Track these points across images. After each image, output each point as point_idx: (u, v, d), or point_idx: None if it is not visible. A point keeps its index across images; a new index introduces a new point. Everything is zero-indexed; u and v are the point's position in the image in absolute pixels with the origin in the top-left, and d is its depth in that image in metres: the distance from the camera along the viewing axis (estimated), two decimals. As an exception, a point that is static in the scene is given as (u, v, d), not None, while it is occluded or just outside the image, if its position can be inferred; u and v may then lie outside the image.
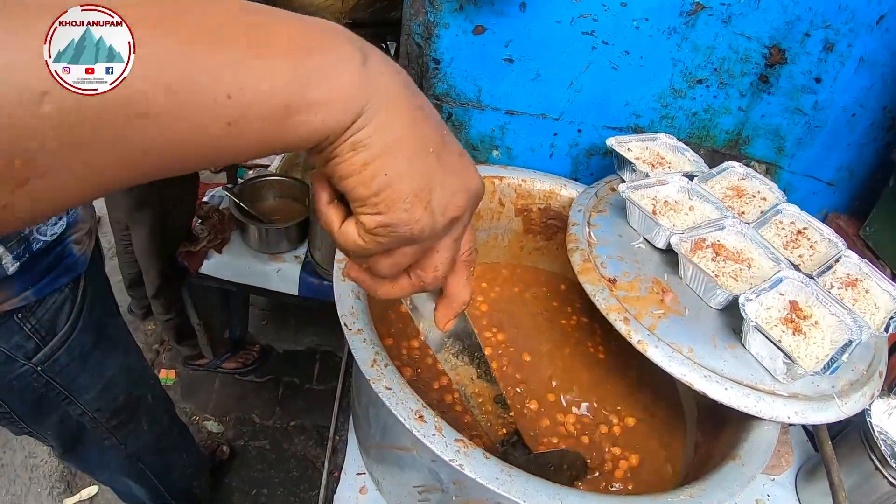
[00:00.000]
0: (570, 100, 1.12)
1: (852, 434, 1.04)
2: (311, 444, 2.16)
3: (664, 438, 0.99)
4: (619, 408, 1.01)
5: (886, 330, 0.88)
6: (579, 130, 1.15)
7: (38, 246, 0.83)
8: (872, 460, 0.98)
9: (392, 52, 1.88)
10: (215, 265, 1.86)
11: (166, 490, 1.39)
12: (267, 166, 2.20)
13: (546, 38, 1.06)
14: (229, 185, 1.89)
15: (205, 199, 1.98)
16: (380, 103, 0.36)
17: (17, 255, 0.81)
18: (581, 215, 0.97)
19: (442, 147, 0.41)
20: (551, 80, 1.10)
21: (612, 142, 1.05)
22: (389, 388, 0.68)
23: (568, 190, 1.10)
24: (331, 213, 0.43)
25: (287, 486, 2.07)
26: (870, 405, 1.00)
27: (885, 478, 0.97)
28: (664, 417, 1.02)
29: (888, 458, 0.97)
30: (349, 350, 0.79)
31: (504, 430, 0.77)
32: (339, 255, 0.85)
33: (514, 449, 0.78)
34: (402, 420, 0.65)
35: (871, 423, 1.00)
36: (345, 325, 0.75)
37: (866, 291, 0.93)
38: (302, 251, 1.91)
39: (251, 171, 2.18)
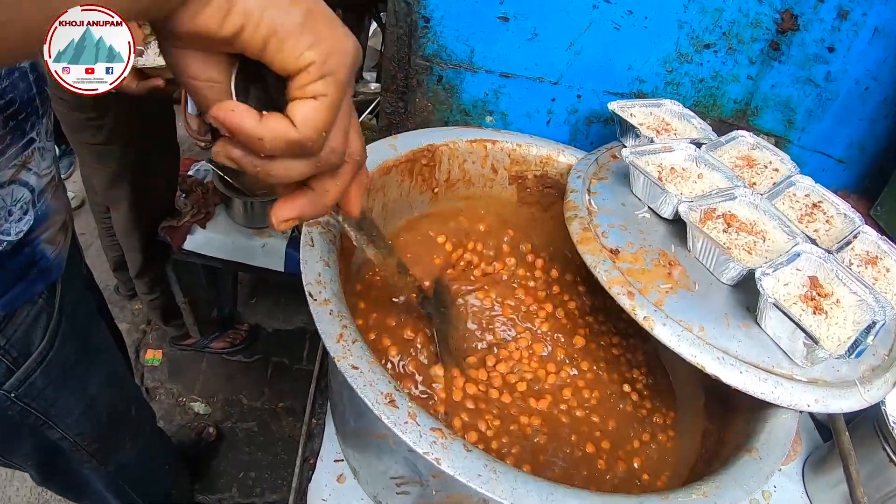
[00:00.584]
0: (570, 62, 0.99)
1: (864, 424, 0.93)
2: (299, 426, 2.02)
3: (668, 427, 0.87)
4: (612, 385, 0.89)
5: (909, 311, 0.76)
6: (579, 96, 1.02)
7: (0, 248, 0.65)
8: (886, 451, 0.88)
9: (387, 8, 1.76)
10: (199, 241, 1.72)
11: (143, 501, 1.25)
12: None
13: (544, -7, 0.93)
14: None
15: (189, 172, 1.84)
16: None
17: None
18: (580, 182, 0.84)
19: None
20: (549, 41, 0.97)
21: (614, 106, 0.92)
22: (357, 368, 0.56)
23: (566, 156, 0.97)
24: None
25: (275, 468, 1.95)
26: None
27: (900, 470, 0.86)
28: (661, 402, 0.90)
29: (903, 450, 0.86)
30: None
31: (414, 294, 0.81)
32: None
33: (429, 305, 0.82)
34: (369, 404, 0.52)
35: (885, 412, 0.89)
36: (309, 294, 0.62)
37: (887, 270, 0.82)
38: None
39: None
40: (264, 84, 0.41)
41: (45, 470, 0.98)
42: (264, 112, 0.39)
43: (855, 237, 0.83)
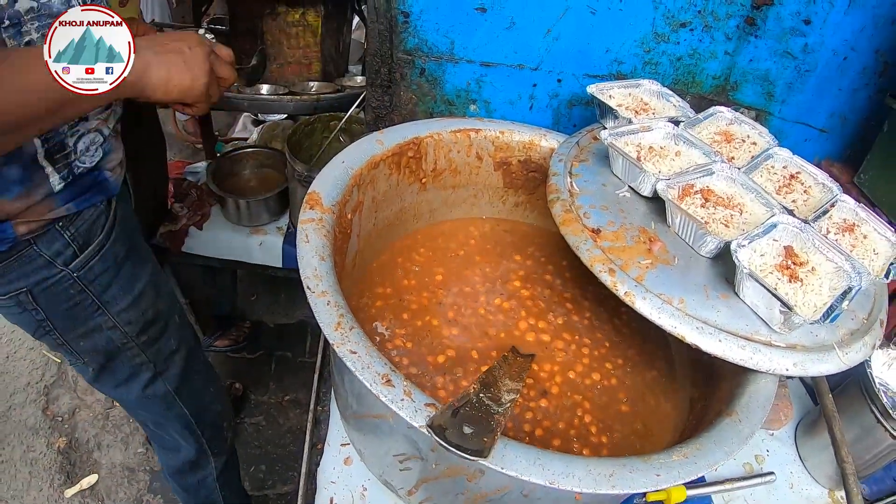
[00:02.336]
0: (548, 48, 1.03)
1: (852, 387, 0.98)
2: (306, 417, 2.07)
3: (658, 395, 0.93)
4: (608, 365, 0.94)
5: (886, 276, 0.81)
6: (559, 80, 1.07)
7: (79, 170, 0.95)
8: (874, 413, 0.93)
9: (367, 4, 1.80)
10: (197, 242, 1.78)
11: (197, 425, 1.37)
12: (246, 139, 2.11)
13: (520, -17, 0.97)
14: (208, 161, 1.81)
15: (184, 176, 1.90)
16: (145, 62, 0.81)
17: (63, 175, 0.93)
18: (562, 165, 0.89)
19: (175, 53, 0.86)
20: (527, 29, 1.01)
21: (592, 89, 0.96)
22: (354, 352, 0.61)
23: (548, 140, 1.02)
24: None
25: (285, 460, 2.02)
26: (871, 355, 0.94)
27: (888, 430, 0.92)
28: (658, 374, 0.95)
29: (890, 410, 0.91)
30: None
31: None
32: (302, 215, 0.77)
33: None
34: (367, 385, 0.58)
35: (871, 374, 0.94)
36: (307, 287, 0.68)
37: (864, 237, 0.86)
38: (284, 222, 1.83)
39: (229, 145, 2.09)
40: None
41: (98, 360, 1.14)
42: None
43: (832, 206, 0.88)
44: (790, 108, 1.13)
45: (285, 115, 2.18)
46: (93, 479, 1.94)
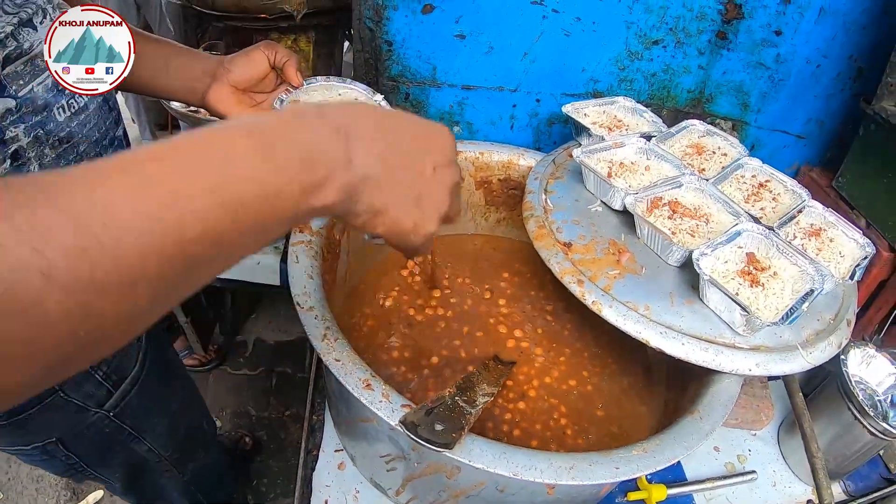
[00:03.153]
0: (526, 70, 1.12)
1: (830, 386, 1.03)
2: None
3: (633, 400, 1.00)
4: (585, 373, 1.01)
5: (852, 278, 0.87)
6: (538, 100, 1.15)
7: None
8: (851, 410, 0.97)
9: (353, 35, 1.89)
10: (198, 264, 1.86)
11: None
12: None
13: (495, 11, 1.05)
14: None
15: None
16: (364, 176, 0.48)
17: None
18: (537, 183, 0.97)
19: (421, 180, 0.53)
20: (504, 53, 1.10)
21: (568, 108, 1.04)
22: (339, 361, 0.70)
23: (526, 159, 1.10)
24: None
25: (286, 474, 2.09)
26: (843, 354, 1.00)
27: (865, 427, 0.96)
28: (634, 380, 1.02)
29: (866, 408, 0.95)
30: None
31: None
32: (293, 238, 0.86)
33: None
34: (350, 389, 0.66)
35: (847, 373, 0.99)
36: (297, 304, 0.76)
37: (831, 240, 0.92)
38: (280, 241, 1.88)
39: None
40: None
41: (129, 480, 1.12)
42: None
43: (800, 212, 0.95)
44: (766, 117, 1.20)
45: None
46: (98, 495, 2.00)
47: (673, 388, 0.95)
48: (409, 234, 0.54)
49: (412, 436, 0.61)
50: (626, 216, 0.93)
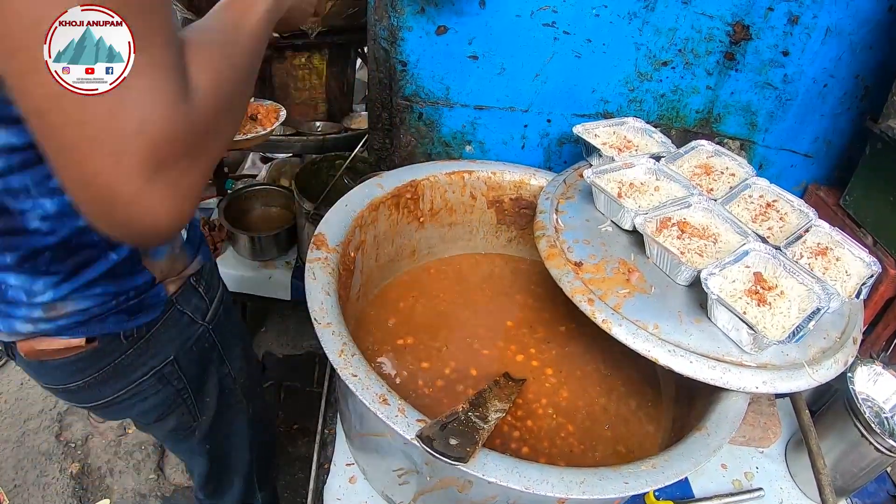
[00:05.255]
0: (537, 91, 1.16)
1: (837, 403, 1.05)
2: (314, 444, 2.18)
3: (641, 419, 1.03)
4: (593, 392, 1.05)
5: (858, 296, 0.90)
6: (549, 120, 1.19)
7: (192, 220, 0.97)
8: (858, 428, 1.00)
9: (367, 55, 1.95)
10: (209, 276, 1.92)
11: (259, 463, 1.45)
12: (254, 176, 2.27)
13: (508, 32, 1.10)
14: (219, 198, 1.96)
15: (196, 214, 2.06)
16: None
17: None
18: (548, 202, 1.01)
19: None
20: (517, 74, 1.14)
21: (578, 129, 1.08)
22: (356, 376, 0.73)
23: (538, 179, 1.14)
24: None
25: (293, 487, 2.13)
26: (850, 372, 1.03)
27: (872, 444, 0.98)
28: (643, 400, 1.05)
29: (873, 425, 0.98)
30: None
31: None
32: (310, 255, 0.90)
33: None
34: (366, 403, 0.70)
35: (853, 390, 1.02)
36: (315, 319, 0.80)
37: (837, 259, 0.95)
38: (292, 256, 1.98)
39: (239, 182, 2.25)
40: None
41: (215, 416, 1.17)
42: None
43: (807, 231, 0.98)
44: (774, 136, 1.23)
45: (292, 154, 2.34)
46: (105, 503, 2.07)
47: (681, 405, 0.98)
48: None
49: (428, 450, 0.64)
50: (636, 236, 0.96)
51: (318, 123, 1.99)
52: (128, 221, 0.51)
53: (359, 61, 2.06)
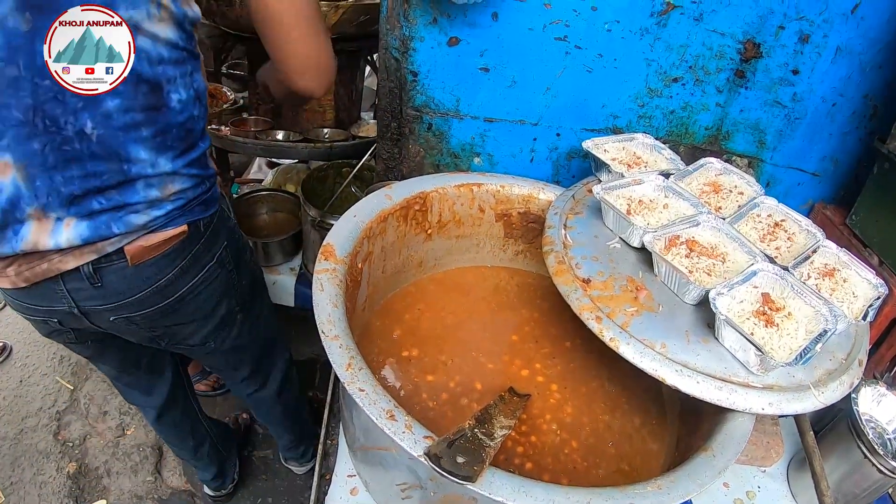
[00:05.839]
0: (547, 105, 1.16)
1: (840, 424, 1.06)
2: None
3: (645, 437, 1.03)
4: (598, 409, 1.05)
5: (864, 318, 0.90)
6: (558, 134, 1.20)
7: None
8: (861, 449, 1.00)
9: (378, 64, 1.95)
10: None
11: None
12: (260, 181, 2.27)
13: (520, 45, 1.11)
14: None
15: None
16: None
17: None
18: (557, 218, 1.01)
19: None
20: (527, 87, 1.15)
21: (588, 144, 1.09)
22: (363, 390, 0.73)
23: (546, 193, 1.15)
24: None
25: (291, 494, 2.13)
26: (854, 393, 1.03)
27: (875, 466, 0.99)
28: (647, 417, 1.06)
29: (876, 446, 0.98)
30: (332, 356, 0.84)
31: None
32: (318, 265, 0.90)
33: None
34: (373, 419, 0.70)
35: (857, 411, 1.02)
36: (322, 332, 0.80)
37: (844, 280, 0.96)
38: (296, 262, 1.98)
39: (245, 187, 2.25)
40: None
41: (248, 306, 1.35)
42: None
43: (814, 252, 0.98)
44: (782, 155, 1.24)
45: (299, 160, 2.35)
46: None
47: (685, 423, 0.98)
48: None
49: (436, 468, 0.64)
50: (644, 253, 0.96)
51: (325, 130, 2.00)
52: (327, 77, 1.07)
53: (367, 69, 2.07)
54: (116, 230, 0.96)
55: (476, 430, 0.75)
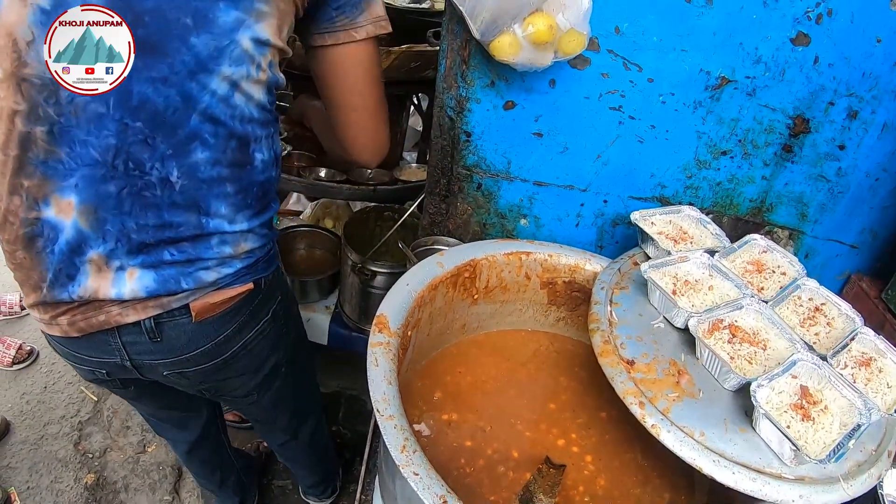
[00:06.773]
0: (597, 172, 1.20)
1: None
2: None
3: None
4: (629, 483, 1.10)
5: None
6: (605, 201, 1.23)
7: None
8: None
9: (423, 105, 1.97)
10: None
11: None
12: (299, 213, 2.28)
13: (574, 113, 1.14)
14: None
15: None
16: None
17: None
18: (603, 293, 1.05)
19: None
20: (579, 153, 1.18)
21: (636, 216, 1.12)
22: (417, 475, 0.78)
23: (592, 264, 1.18)
24: None
25: (315, 538, 2.15)
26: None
27: (896, 548, 1.03)
28: (676, 494, 1.10)
29: (898, 529, 1.03)
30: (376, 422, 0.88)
31: None
32: (372, 338, 0.94)
33: None
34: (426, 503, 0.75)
35: (882, 494, 1.06)
36: (377, 410, 0.84)
37: (879, 371, 0.99)
38: (332, 301, 2.02)
39: (284, 220, 2.27)
40: None
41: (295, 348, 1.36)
42: None
43: (852, 339, 1.02)
44: (822, 227, 1.27)
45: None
46: (115, 516, 2.09)
47: (716, 496, 1.02)
48: None
49: None
50: (687, 334, 1.00)
51: (368, 171, 2.01)
52: (382, 154, 1.16)
53: (411, 109, 2.09)
54: (185, 286, 0.99)
55: None
